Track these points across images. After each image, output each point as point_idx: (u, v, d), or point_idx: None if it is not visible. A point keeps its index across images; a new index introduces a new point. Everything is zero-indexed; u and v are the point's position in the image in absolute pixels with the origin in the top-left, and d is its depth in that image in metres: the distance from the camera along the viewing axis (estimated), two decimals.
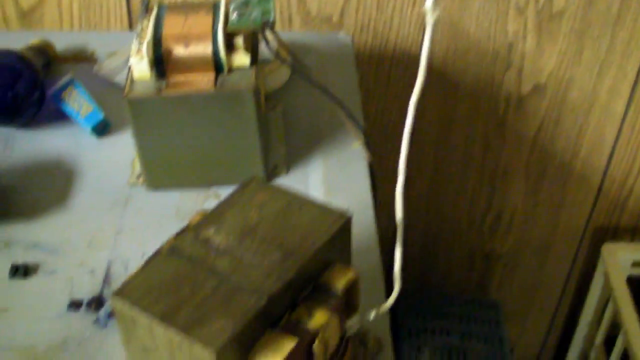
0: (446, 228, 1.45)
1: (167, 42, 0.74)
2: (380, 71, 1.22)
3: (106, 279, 0.71)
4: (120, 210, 0.79)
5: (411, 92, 0.47)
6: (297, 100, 0.94)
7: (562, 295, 1.59)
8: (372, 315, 0.60)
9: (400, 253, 0.57)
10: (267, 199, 0.58)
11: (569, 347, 1.57)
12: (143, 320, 0.48)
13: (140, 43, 0.73)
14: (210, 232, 0.55)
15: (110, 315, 0.68)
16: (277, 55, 0.76)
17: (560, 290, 1.58)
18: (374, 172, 0.84)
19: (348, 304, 0.56)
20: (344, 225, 0.57)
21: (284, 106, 0.91)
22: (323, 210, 0.58)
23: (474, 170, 1.36)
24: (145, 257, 0.54)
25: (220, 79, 0.75)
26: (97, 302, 0.69)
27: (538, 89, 1.21)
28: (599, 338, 1.42)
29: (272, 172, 0.83)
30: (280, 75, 0.94)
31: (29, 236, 0.76)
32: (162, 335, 0.47)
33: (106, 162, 0.85)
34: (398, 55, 1.21)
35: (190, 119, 0.75)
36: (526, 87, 1.24)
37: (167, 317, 0.47)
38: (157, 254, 0.54)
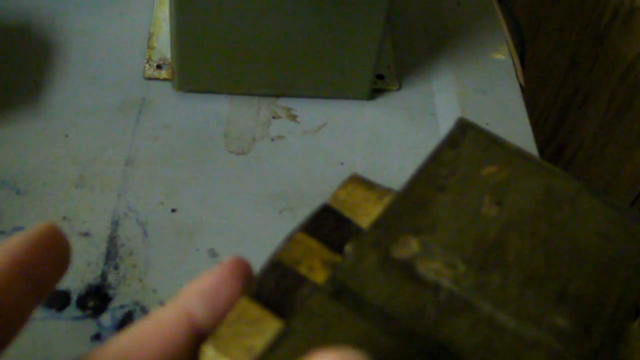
0: None
1: None
2: None
3: (111, 252, 0.40)
4: (131, 122, 0.47)
5: None
6: None
7: None
8: None
9: None
10: (506, 176, 0.28)
11: None
12: None
13: None
14: (412, 246, 0.25)
15: (122, 326, 0.37)
16: None
17: None
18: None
19: None
20: None
21: None
22: (615, 210, 0.28)
23: (550, 90, 1.08)
24: (181, 215, 0.36)
25: None
26: (96, 298, 0.38)
27: None
28: None
29: (375, 85, 0.51)
30: None
31: None
32: None
33: (103, 34, 0.52)
34: None
35: None
36: None
37: None
38: (299, 284, 0.24)
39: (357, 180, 0.30)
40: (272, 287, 0.25)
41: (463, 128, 0.29)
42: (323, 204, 0.29)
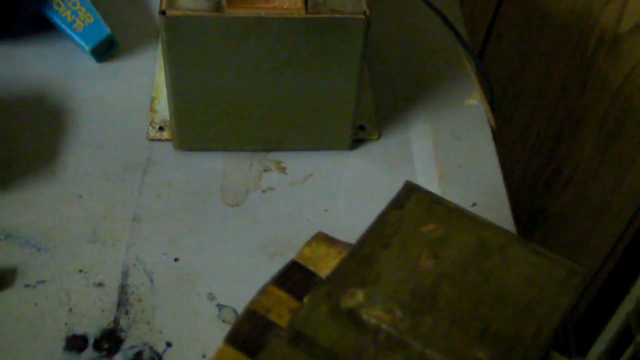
0: None
1: None
2: None
3: (122, 299, 0.46)
4: (137, 181, 0.52)
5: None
6: (378, 35, 0.66)
7: (606, 259, 1.39)
8: None
9: None
10: (443, 232, 0.33)
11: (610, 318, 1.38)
12: None
13: None
14: (357, 297, 0.30)
15: None
16: None
17: (605, 254, 1.39)
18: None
19: None
20: (578, 289, 0.33)
21: None
22: (539, 257, 0.33)
23: (543, 116, 1.13)
24: (183, 264, 0.36)
25: None
26: (110, 340, 0.44)
27: None
28: None
29: (356, 136, 0.57)
30: None
31: None
32: None
33: (111, 100, 0.58)
34: None
35: (261, 52, 0.48)
36: (626, 25, 1.00)
37: None
38: (269, 330, 0.29)
39: (320, 238, 0.35)
40: (247, 333, 0.30)
41: (408, 191, 0.35)
42: (291, 260, 0.34)
